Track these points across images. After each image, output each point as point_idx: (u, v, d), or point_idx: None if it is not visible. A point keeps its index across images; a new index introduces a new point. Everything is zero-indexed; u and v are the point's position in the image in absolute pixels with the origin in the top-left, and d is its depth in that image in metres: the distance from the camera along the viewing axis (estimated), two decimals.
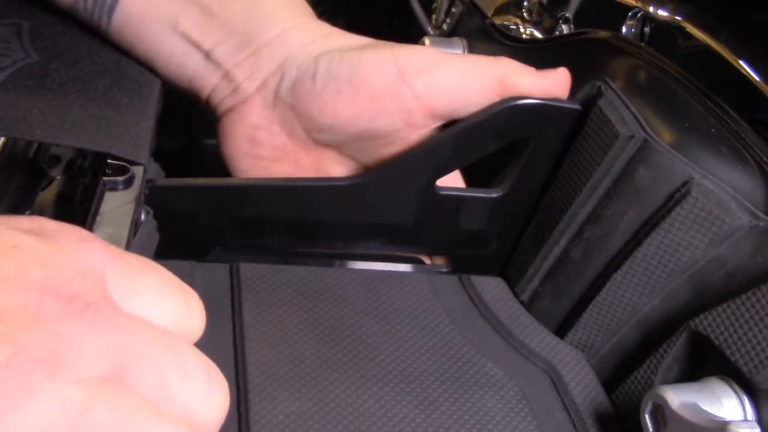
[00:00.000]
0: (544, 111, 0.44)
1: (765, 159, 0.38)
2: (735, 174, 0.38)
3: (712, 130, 0.40)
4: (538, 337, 0.46)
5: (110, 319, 0.21)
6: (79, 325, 0.21)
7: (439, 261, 0.52)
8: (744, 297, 0.36)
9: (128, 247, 0.37)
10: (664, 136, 0.40)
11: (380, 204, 0.47)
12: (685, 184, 0.38)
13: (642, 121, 0.41)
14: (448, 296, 0.48)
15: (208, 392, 0.23)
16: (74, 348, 0.20)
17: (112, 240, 0.35)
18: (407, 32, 0.73)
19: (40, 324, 0.20)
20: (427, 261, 0.52)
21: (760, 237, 0.36)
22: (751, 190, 0.37)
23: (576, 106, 0.45)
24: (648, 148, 0.40)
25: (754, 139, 0.39)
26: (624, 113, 0.41)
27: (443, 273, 0.51)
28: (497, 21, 0.65)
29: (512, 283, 0.49)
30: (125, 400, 0.21)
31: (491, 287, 0.49)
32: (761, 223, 0.36)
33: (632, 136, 0.40)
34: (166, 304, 0.24)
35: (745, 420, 0.35)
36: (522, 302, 0.48)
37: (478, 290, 0.48)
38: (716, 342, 0.37)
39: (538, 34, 0.63)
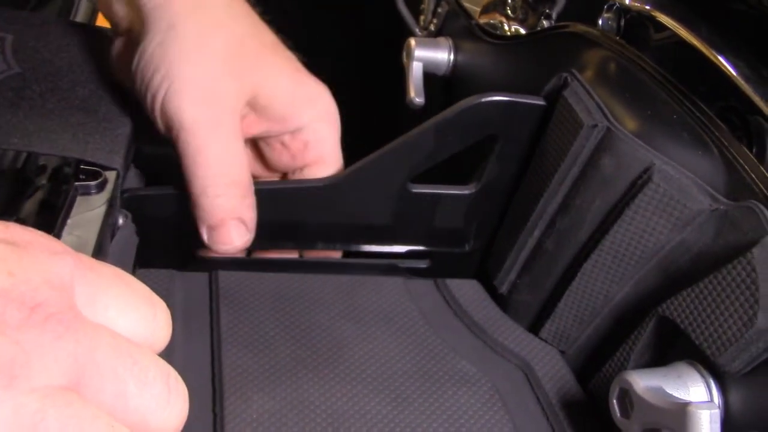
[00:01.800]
0: (511, 107, 0.45)
1: (726, 144, 0.38)
2: (696, 159, 0.38)
3: (675, 117, 0.40)
4: (513, 334, 0.47)
5: (72, 330, 0.22)
6: (40, 335, 0.21)
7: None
8: (706, 280, 0.36)
9: (100, 249, 0.38)
10: (627, 124, 0.40)
11: (356, 204, 0.48)
12: (647, 170, 0.38)
13: (605, 110, 0.41)
14: (423, 299, 0.48)
15: (166, 401, 0.24)
16: (33, 357, 0.21)
17: (82, 242, 0.36)
18: (395, 33, 0.74)
19: (1, 332, 0.21)
20: None
21: (721, 220, 0.36)
22: (712, 175, 0.38)
23: (541, 102, 0.45)
24: (611, 136, 0.40)
25: (716, 124, 0.39)
26: (588, 103, 0.42)
27: (419, 277, 0.51)
28: (484, 19, 0.65)
29: (491, 277, 0.49)
30: (79, 410, 0.21)
31: (466, 289, 0.49)
32: (721, 207, 0.37)
33: (595, 125, 0.40)
34: (132, 315, 0.25)
35: (709, 401, 0.35)
36: (501, 295, 0.49)
37: (453, 292, 0.49)
38: (682, 326, 0.37)
39: (522, 31, 0.63)
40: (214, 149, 0.43)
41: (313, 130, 0.47)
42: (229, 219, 0.44)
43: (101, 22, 0.69)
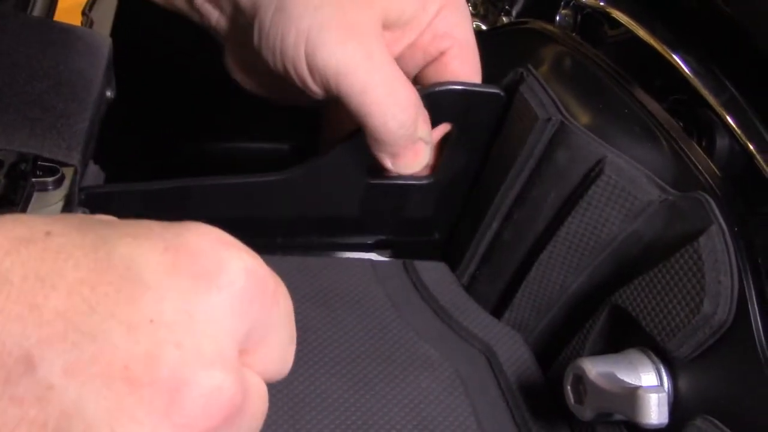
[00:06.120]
0: (466, 96, 0.45)
1: (675, 137, 0.39)
2: (646, 152, 0.39)
3: (626, 111, 0.41)
4: (477, 319, 0.47)
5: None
6: None
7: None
8: (656, 269, 0.37)
9: None
10: (580, 118, 0.41)
11: (317, 197, 0.48)
12: (599, 162, 0.39)
13: (559, 104, 0.42)
14: (390, 281, 0.49)
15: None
16: None
17: None
18: None
19: None
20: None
21: (670, 210, 0.38)
22: (661, 166, 0.39)
23: (497, 91, 0.45)
24: (565, 130, 0.41)
25: (666, 118, 0.40)
26: (543, 97, 0.43)
27: (387, 258, 0.51)
28: None
29: (453, 268, 0.50)
30: None
31: (433, 271, 0.50)
32: (670, 197, 0.38)
33: (549, 119, 0.41)
34: None
35: (657, 386, 0.36)
36: (462, 286, 0.49)
37: (421, 274, 0.49)
38: (633, 314, 0.38)
39: (483, 28, 0.64)
40: (378, 81, 0.42)
41: (442, 17, 0.46)
42: (412, 143, 0.44)
43: (59, 16, 0.68)
